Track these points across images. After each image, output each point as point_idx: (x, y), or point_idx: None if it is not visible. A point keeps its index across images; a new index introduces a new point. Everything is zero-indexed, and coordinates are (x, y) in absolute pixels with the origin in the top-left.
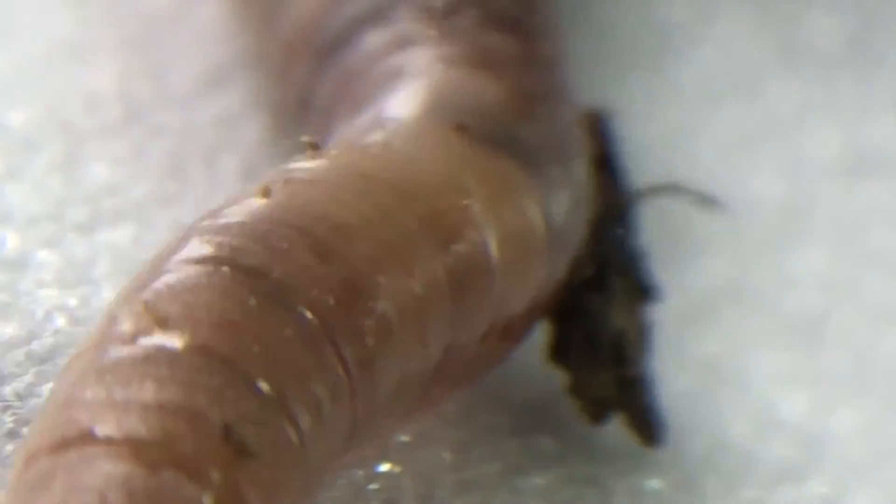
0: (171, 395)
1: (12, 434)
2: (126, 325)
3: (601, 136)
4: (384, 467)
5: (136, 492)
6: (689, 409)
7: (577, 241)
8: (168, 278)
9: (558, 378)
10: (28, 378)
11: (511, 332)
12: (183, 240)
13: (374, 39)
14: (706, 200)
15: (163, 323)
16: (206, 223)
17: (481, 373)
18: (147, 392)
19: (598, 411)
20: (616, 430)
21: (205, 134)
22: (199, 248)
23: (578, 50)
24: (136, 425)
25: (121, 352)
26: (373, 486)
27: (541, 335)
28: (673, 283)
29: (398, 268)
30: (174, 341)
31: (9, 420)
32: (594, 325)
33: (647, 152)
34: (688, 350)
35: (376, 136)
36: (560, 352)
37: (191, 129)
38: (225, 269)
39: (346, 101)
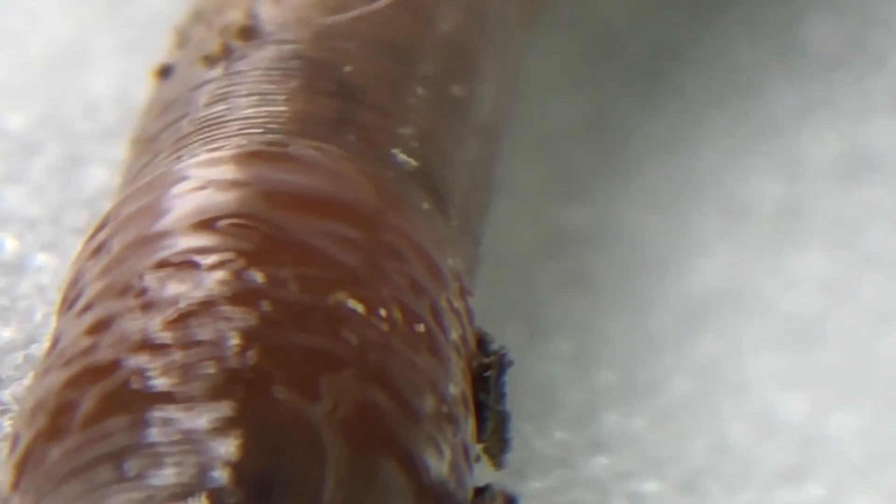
0: None
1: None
2: None
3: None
4: None
5: None
6: (688, 411)
7: None
8: None
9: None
10: (26, 381)
11: None
12: None
13: None
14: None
15: None
16: None
17: None
18: None
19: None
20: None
21: None
22: None
23: (579, 52)
24: None
25: None
26: None
27: None
28: (673, 283)
29: None
30: None
31: (7, 423)
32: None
33: (647, 153)
34: (687, 352)
35: None
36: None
37: None
38: None
39: None
